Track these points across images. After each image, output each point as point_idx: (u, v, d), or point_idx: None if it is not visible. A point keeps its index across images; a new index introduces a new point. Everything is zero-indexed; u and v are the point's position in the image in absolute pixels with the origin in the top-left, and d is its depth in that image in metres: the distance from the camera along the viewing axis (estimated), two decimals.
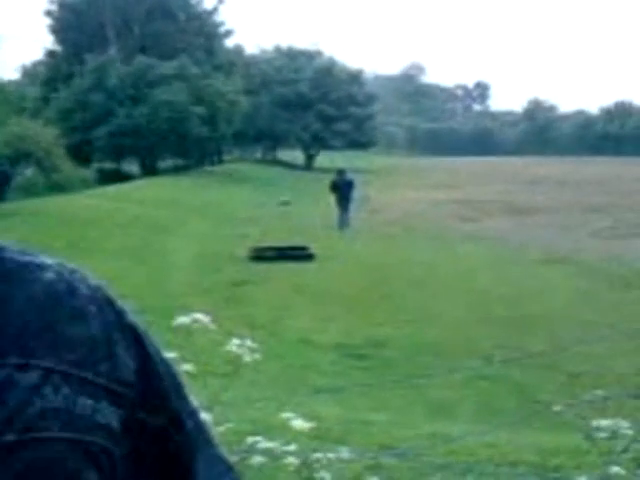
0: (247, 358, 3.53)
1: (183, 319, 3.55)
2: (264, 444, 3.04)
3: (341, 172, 30.91)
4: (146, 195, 34.16)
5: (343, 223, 28.77)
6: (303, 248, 22.68)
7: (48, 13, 53.18)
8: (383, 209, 34.52)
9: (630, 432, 3.04)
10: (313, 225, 28.94)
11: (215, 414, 4.74)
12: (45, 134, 37.76)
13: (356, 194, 30.85)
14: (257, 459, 2.99)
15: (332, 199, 29.73)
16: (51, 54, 53.98)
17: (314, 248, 22.72)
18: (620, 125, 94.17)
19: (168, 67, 47.92)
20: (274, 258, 21.61)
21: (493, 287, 19.17)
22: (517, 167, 59.13)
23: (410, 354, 13.20)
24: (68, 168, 39.63)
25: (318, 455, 2.99)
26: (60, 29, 52.71)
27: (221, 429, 3.18)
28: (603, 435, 3.07)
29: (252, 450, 3.04)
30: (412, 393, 10.16)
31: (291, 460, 2.94)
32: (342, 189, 29.27)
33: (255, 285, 19.14)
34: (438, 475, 5.12)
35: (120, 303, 0.98)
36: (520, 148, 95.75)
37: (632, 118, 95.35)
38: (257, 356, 3.44)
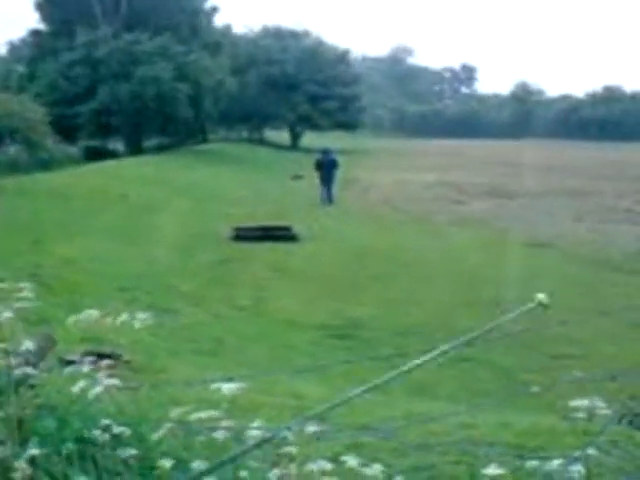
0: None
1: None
2: (235, 421, 3.04)
3: (325, 151, 31.97)
4: (131, 173, 34.03)
5: (326, 200, 29.96)
6: (287, 228, 22.67)
7: None
8: (370, 191, 34.53)
9: (607, 412, 3.04)
10: (297, 204, 28.96)
11: (192, 391, 4.75)
12: (32, 110, 37.48)
13: (343, 175, 31.90)
14: (226, 432, 2.99)
15: (316, 176, 31.01)
16: (35, 32, 53.57)
17: (298, 228, 22.72)
18: (606, 110, 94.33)
19: (152, 44, 47.66)
20: (258, 238, 21.59)
21: (478, 269, 19.23)
22: (504, 150, 59.22)
23: (392, 334, 13.23)
24: (53, 145, 39.41)
25: (296, 431, 2.99)
26: (46, 5, 52.22)
27: (196, 406, 3.17)
28: (581, 416, 3.08)
29: (226, 425, 3.04)
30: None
31: (258, 434, 2.93)
32: (326, 167, 30.45)
33: (238, 265, 19.12)
34: (417, 455, 5.14)
35: None
36: (507, 131, 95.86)
37: (618, 103, 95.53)
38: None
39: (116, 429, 3.13)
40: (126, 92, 46.59)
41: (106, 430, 3.16)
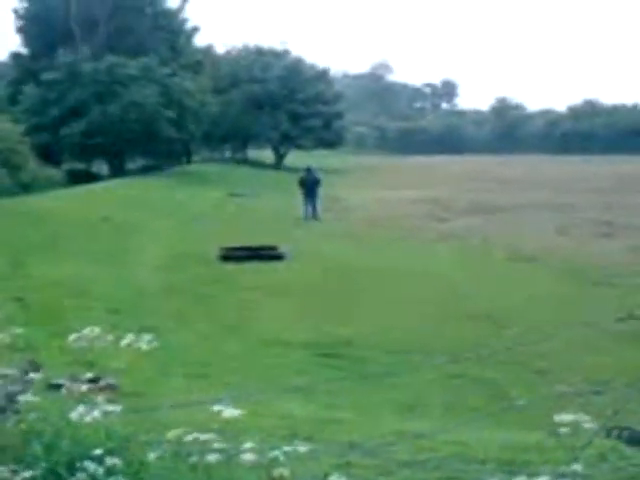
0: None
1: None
2: (227, 443, 3.05)
3: (308, 170, 32.93)
4: (115, 195, 33.98)
5: (310, 216, 30.99)
6: (273, 248, 22.69)
7: (15, 11, 52.69)
8: (353, 209, 34.59)
9: (592, 426, 3.08)
10: (282, 224, 28.99)
11: (182, 413, 4.75)
12: (12, 131, 37.34)
13: (325, 193, 32.43)
14: (216, 457, 3.00)
15: (300, 194, 31.89)
16: (17, 55, 53.52)
17: (284, 248, 22.73)
18: (586, 123, 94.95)
19: (135, 66, 47.66)
20: (244, 258, 21.59)
21: (462, 286, 19.29)
22: (485, 166, 59.51)
23: (380, 352, 13.24)
24: (35, 167, 39.22)
25: (285, 451, 3.00)
26: (27, 27, 52.21)
27: (188, 429, 3.18)
28: (566, 430, 3.11)
29: (214, 449, 3.05)
30: (381, 391, 10.19)
31: (252, 457, 2.95)
32: (309, 185, 31.47)
33: (225, 285, 19.10)
34: (406, 472, 5.15)
35: None
36: (488, 146, 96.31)
37: (598, 116, 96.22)
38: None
39: (108, 460, 3.12)
40: (111, 114, 46.54)
41: (96, 460, 3.16)
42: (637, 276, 19.76)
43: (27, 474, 3.06)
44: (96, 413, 3.30)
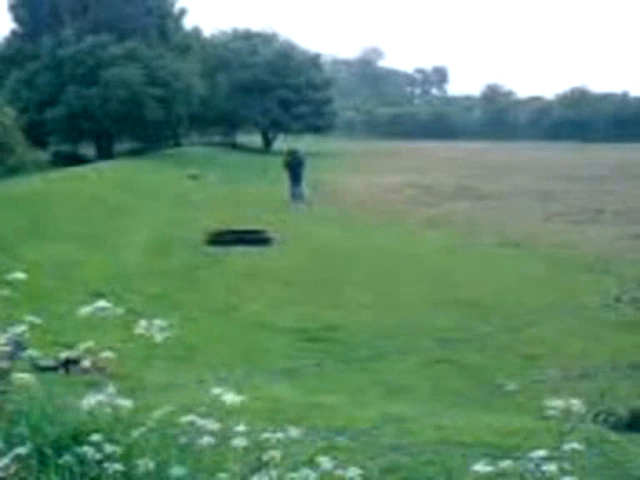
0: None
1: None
2: (216, 425, 3.04)
3: (293, 152, 33.43)
4: (102, 178, 33.83)
5: (295, 197, 31.17)
6: (260, 232, 22.65)
7: None
8: (341, 193, 34.55)
9: (581, 411, 3.07)
10: (269, 208, 28.92)
11: (169, 395, 4.73)
12: (3, 115, 37.03)
13: (314, 178, 32.51)
14: (206, 440, 2.98)
15: (285, 176, 32.18)
16: (13, 33, 53.07)
17: (271, 232, 22.70)
18: (575, 111, 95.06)
19: (120, 47, 47.40)
20: (231, 242, 21.55)
21: (450, 271, 19.32)
22: (474, 152, 59.50)
23: (367, 337, 13.26)
24: (23, 150, 38.95)
25: (271, 435, 2.99)
26: (17, 9, 51.82)
27: (175, 409, 3.17)
28: (553, 414, 3.11)
29: (203, 431, 3.04)
30: (368, 376, 10.21)
31: (241, 441, 2.94)
32: (294, 167, 31.76)
33: (211, 269, 19.07)
34: (391, 456, 5.15)
35: None
36: (478, 133, 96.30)
37: (586, 104, 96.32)
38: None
39: (95, 442, 3.10)
40: (94, 96, 46.30)
41: (83, 441, 3.14)
42: (623, 263, 19.84)
43: (13, 454, 3.04)
44: (102, 397, 3.28)
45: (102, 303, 3.80)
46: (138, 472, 3.01)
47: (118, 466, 3.03)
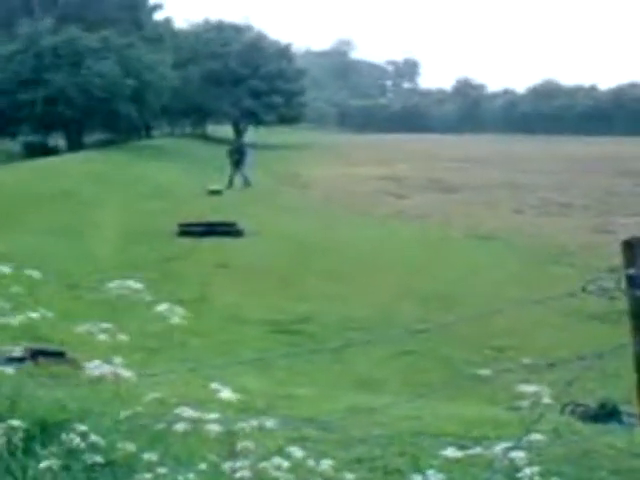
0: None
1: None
2: (189, 413, 3.05)
3: (236, 141, 38.16)
4: (73, 169, 33.57)
5: (239, 181, 33.13)
6: (231, 224, 22.60)
7: None
8: (312, 185, 34.53)
9: (549, 401, 3.12)
10: (239, 199, 28.86)
11: (142, 385, 4.72)
12: None
13: (286, 169, 33.00)
14: (181, 425, 3.00)
15: (229, 163, 34.18)
16: None
17: (243, 224, 22.66)
18: (546, 104, 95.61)
19: (95, 38, 47.08)
20: (202, 233, 21.49)
21: (420, 263, 19.39)
22: (446, 144, 59.68)
23: (337, 329, 13.29)
24: None
25: (241, 425, 3.01)
26: None
27: (147, 399, 3.17)
28: (524, 404, 3.15)
29: (177, 419, 3.05)
30: (338, 367, 10.25)
31: (213, 428, 2.95)
32: (235, 154, 34.45)
33: (183, 261, 19.02)
34: (361, 448, 5.17)
35: None
36: (450, 126, 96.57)
37: (557, 97, 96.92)
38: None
39: (63, 433, 3.09)
40: (70, 86, 45.93)
41: (52, 433, 3.13)
42: (591, 254, 20.01)
43: None
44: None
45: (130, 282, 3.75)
46: (112, 459, 3.01)
47: (90, 456, 3.03)
